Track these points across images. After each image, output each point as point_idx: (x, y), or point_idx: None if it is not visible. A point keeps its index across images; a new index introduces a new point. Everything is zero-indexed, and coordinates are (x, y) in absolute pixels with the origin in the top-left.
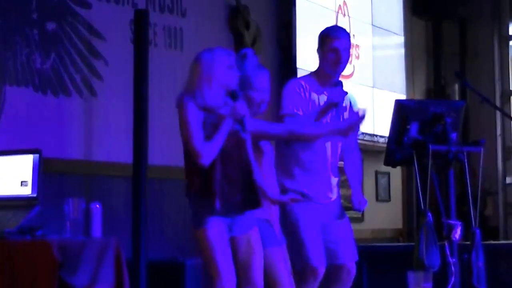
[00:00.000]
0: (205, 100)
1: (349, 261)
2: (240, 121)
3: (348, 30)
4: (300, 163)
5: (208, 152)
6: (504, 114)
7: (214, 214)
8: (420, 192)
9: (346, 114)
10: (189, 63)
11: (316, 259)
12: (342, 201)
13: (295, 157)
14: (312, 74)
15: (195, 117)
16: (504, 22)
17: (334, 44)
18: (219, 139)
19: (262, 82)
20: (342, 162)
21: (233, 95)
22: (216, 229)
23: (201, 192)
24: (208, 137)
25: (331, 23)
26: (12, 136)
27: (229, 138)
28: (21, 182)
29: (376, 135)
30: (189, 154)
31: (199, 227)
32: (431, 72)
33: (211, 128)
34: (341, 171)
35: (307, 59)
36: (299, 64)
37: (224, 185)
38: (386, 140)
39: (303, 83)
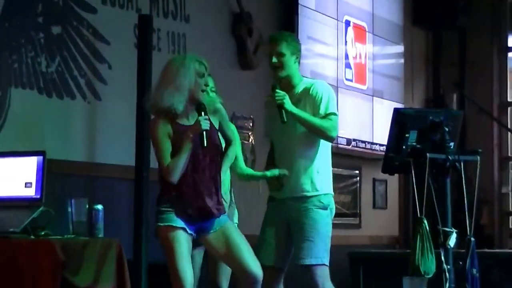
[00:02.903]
0: (171, 104)
1: (299, 263)
2: (201, 135)
3: (350, 39)
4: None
5: (174, 170)
6: (501, 125)
7: (181, 216)
8: (416, 200)
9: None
10: None
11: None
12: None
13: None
14: None
15: (162, 134)
16: (504, 33)
17: (276, 49)
18: (183, 156)
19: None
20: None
21: (199, 109)
22: (178, 228)
23: (173, 198)
24: (177, 148)
25: (332, 31)
26: (17, 137)
27: (198, 149)
28: (25, 183)
29: (374, 143)
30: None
31: (162, 224)
32: (430, 82)
33: (178, 139)
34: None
35: (309, 66)
36: (301, 71)
37: (191, 194)
38: (384, 148)
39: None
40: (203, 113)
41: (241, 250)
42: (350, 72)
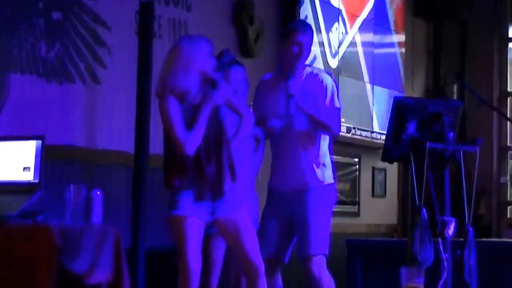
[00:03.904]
0: (180, 85)
1: (303, 254)
2: (215, 109)
3: (349, 27)
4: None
5: (192, 142)
6: (501, 115)
7: (193, 199)
8: (415, 189)
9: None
10: None
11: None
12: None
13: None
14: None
15: (175, 109)
16: (504, 25)
17: (299, 38)
18: (201, 128)
19: (236, 75)
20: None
21: (212, 84)
22: (191, 217)
23: (181, 180)
24: (188, 125)
25: (334, 19)
26: (15, 122)
27: (208, 124)
28: (24, 167)
29: (374, 132)
30: (172, 144)
31: (174, 212)
32: (430, 72)
33: (188, 117)
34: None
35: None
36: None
37: (203, 170)
38: (384, 136)
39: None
40: (216, 86)
41: (245, 242)
42: (350, 59)
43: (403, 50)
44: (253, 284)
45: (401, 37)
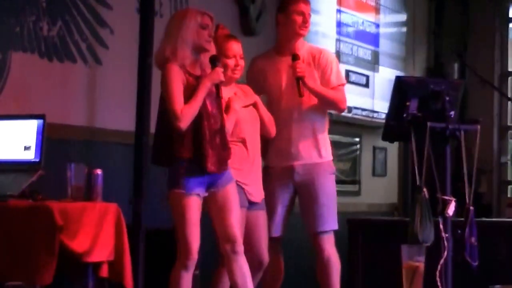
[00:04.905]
0: (177, 58)
1: (312, 231)
2: (217, 86)
3: (351, 6)
4: None
5: (186, 116)
6: (502, 94)
7: (191, 175)
8: (416, 168)
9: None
10: None
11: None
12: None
13: None
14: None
15: (177, 79)
16: (505, 4)
17: (300, 7)
18: (197, 103)
19: (234, 49)
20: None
21: (213, 60)
22: (191, 195)
23: (176, 154)
24: (187, 96)
25: None
26: (16, 101)
27: (207, 99)
28: (24, 146)
29: (375, 111)
30: (167, 115)
31: (175, 188)
32: (431, 51)
33: (188, 89)
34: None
35: (311, 32)
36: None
37: (201, 146)
38: (385, 115)
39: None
40: (217, 63)
41: (231, 215)
42: (351, 38)
43: (405, 28)
44: (231, 259)
45: (403, 16)
